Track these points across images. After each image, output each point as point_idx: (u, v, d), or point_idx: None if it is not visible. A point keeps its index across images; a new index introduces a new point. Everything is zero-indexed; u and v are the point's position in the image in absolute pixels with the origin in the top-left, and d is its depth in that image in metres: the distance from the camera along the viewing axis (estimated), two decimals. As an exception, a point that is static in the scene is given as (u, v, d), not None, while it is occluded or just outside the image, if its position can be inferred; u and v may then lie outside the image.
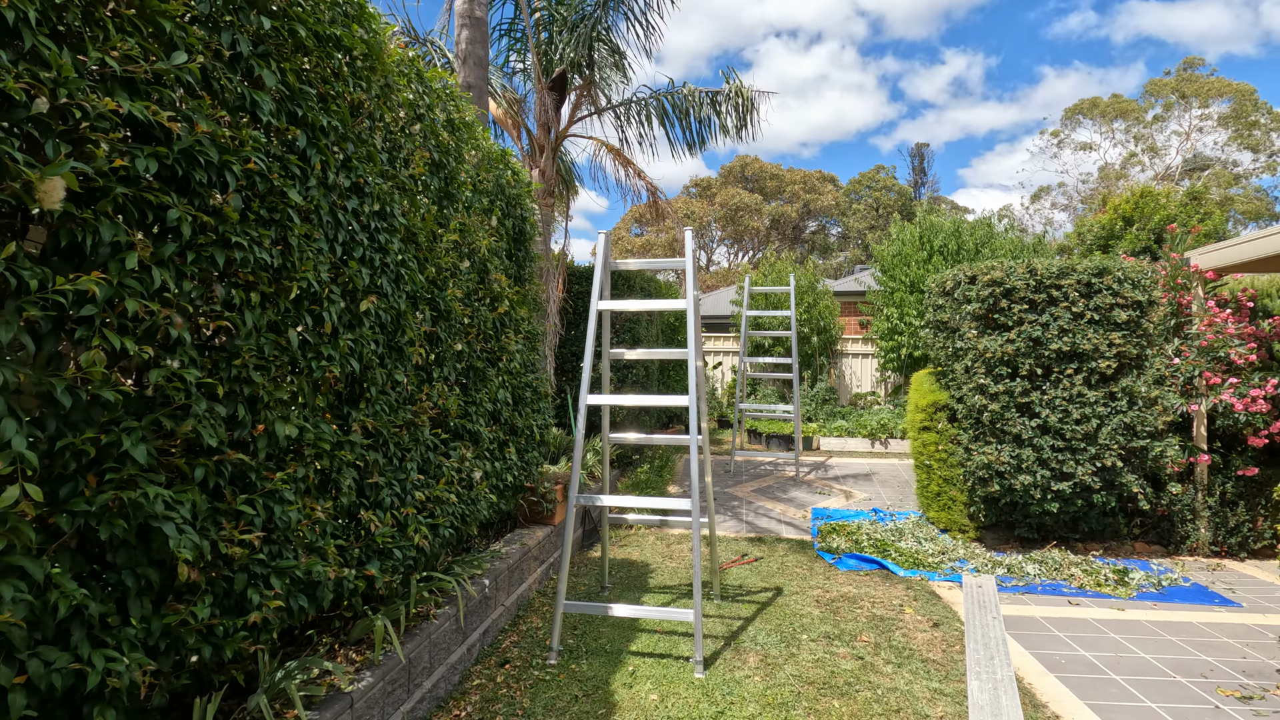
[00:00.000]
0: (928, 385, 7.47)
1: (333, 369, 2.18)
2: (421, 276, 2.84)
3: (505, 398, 3.93)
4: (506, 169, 4.13)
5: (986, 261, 6.39)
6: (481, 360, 3.66)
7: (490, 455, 3.82)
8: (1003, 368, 5.99)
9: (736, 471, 9.27)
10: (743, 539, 6.63)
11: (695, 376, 4.09)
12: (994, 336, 6.06)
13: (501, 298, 3.84)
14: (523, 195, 4.36)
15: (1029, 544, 6.33)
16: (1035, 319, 5.95)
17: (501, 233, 4.09)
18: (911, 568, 5.73)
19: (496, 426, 3.96)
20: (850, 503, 7.91)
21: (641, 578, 5.45)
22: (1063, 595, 5.13)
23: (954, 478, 6.66)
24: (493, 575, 4.17)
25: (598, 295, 4.35)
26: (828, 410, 12.11)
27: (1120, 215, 14.62)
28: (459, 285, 3.26)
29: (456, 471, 3.24)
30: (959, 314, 6.48)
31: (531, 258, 4.78)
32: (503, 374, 3.95)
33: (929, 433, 6.89)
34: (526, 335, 4.49)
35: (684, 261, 4.36)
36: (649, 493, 7.23)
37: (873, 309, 13.30)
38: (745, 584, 5.33)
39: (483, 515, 3.41)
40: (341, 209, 2.29)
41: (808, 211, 37.86)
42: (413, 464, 2.81)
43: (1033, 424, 5.88)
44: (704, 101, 7.47)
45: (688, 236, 4.35)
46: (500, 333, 3.91)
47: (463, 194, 3.37)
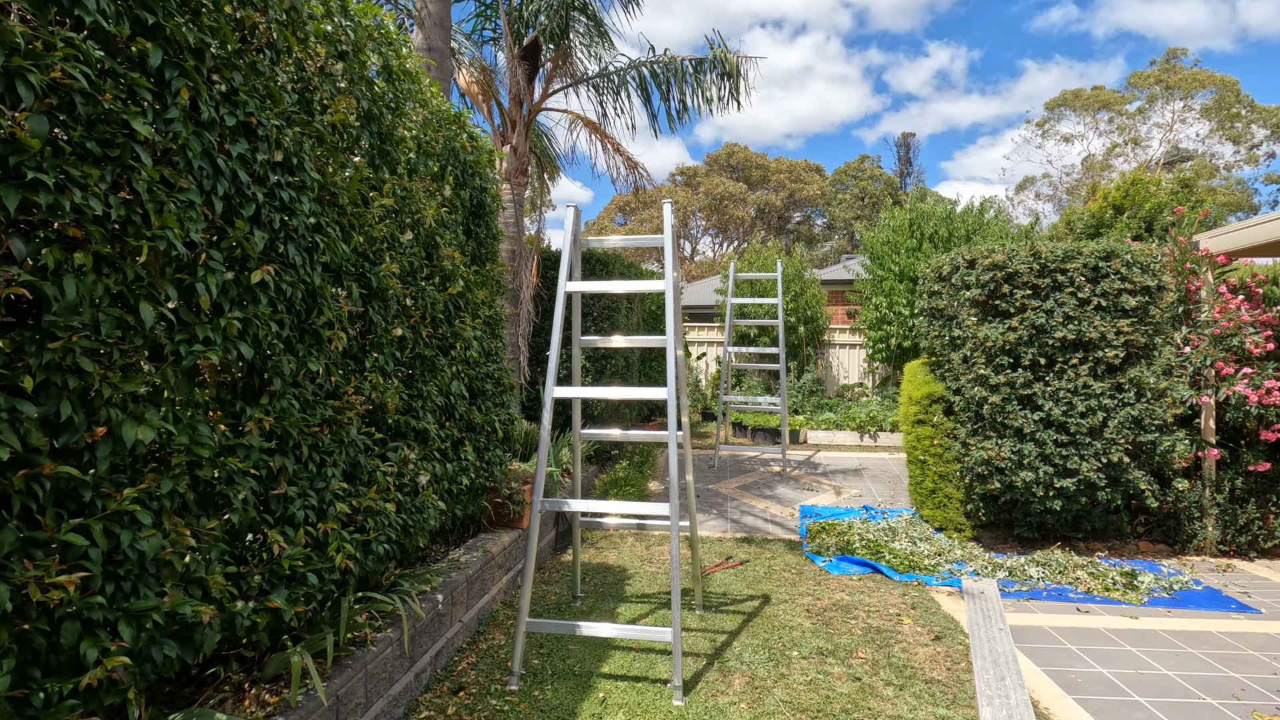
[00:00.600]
0: (922, 376, 7.09)
1: (210, 356, 1.71)
2: (345, 247, 2.37)
3: (460, 390, 3.47)
4: (462, 131, 3.64)
5: (987, 244, 6.00)
6: (429, 348, 3.20)
7: (441, 456, 3.36)
8: (1004, 357, 5.62)
9: (721, 467, 8.87)
10: (728, 539, 6.23)
11: (675, 367, 3.65)
12: (995, 324, 5.68)
13: (454, 277, 3.37)
14: (481, 163, 3.88)
15: (1029, 544, 5.98)
16: (1039, 305, 5.57)
17: (456, 204, 3.61)
18: (907, 571, 5.35)
19: (451, 423, 3.50)
20: (840, 500, 7.54)
21: (618, 585, 5.02)
22: (1070, 601, 4.77)
23: (950, 474, 6.30)
24: (448, 589, 3.72)
25: (566, 275, 3.89)
26: (815, 402, 11.74)
27: (1111, 204, 14.36)
28: (397, 260, 2.79)
29: (396, 477, 2.78)
30: (957, 300, 6.09)
31: (494, 235, 4.31)
32: (457, 363, 3.49)
33: (924, 426, 6.52)
34: (487, 320, 4.03)
35: (662, 239, 3.91)
36: (628, 491, 6.81)
37: (861, 298, 12.94)
38: (730, 591, 4.92)
39: (431, 525, 2.96)
40: (223, 154, 1.82)
41: (793, 201, 37.48)
42: (335, 470, 2.35)
43: (1035, 417, 5.52)
44: (687, 70, 6.99)
45: (666, 211, 3.90)
46: (453, 317, 3.44)
47: (403, 154, 2.89)
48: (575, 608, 4.53)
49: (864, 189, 36.63)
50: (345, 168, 2.51)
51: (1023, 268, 5.61)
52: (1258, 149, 37.58)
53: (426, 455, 3.12)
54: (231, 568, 1.94)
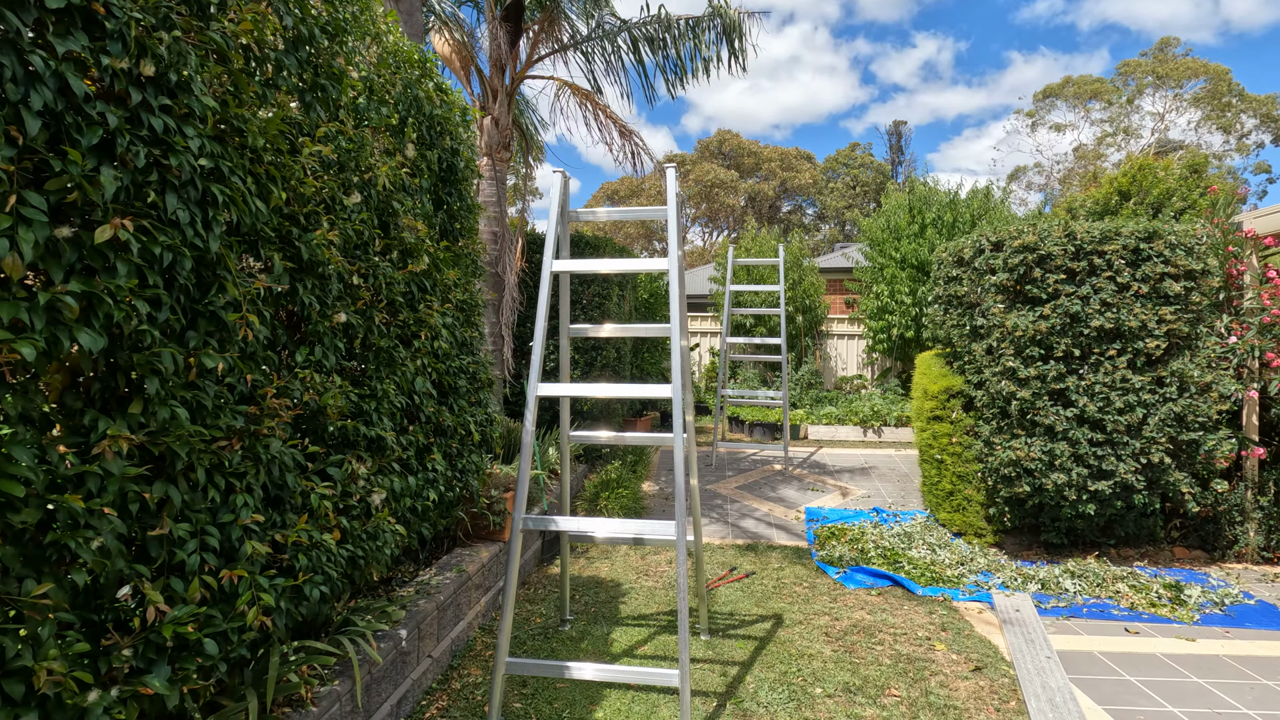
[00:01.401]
0: (936, 369, 6.59)
1: (21, 349, 1.14)
2: (261, 205, 1.79)
3: (426, 388, 2.90)
4: (427, 79, 3.04)
5: (1015, 225, 5.49)
6: (386, 337, 2.63)
7: (403, 467, 2.80)
8: (1034, 348, 5.11)
9: (719, 465, 8.34)
10: (730, 546, 5.71)
11: (680, 359, 3.09)
12: (1024, 312, 5.17)
13: (418, 252, 2.79)
14: (453, 120, 3.29)
15: (1056, 551, 5.51)
16: (1073, 291, 5.06)
17: (422, 167, 3.03)
18: (930, 584, 4.85)
19: (416, 427, 2.93)
20: (847, 501, 7.04)
21: (612, 603, 4.48)
22: (1114, 619, 4.29)
23: (970, 474, 5.81)
24: (414, 621, 3.15)
25: (552, 252, 3.31)
26: (814, 395, 11.25)
27: (1116, 189, 13.94)
28: (340, 227, 2.21)
29: (340, 499, 2.22)
30: (981, 286, 5.57)
31: (470, 207, 3.72)
32: (422, 356, 2.92)
33: (941, 423, 6.02)
34: (460, 306, 3.45)
35: (664, 210, 3.34)
36: (620, 494, 6.26)
37: (861, 286, 12.44)
38: (737, 610, 4.39)
39: (388, 554, 2.41)
40: (43, 48, 1.24)
41: (784, 189, 36.90)
42: (250, 497, 1.79)
43: (1068, 414, 5.02)
44: (685, 30, 6.38)
45: (670, 179, 3.33)
46: (417, 300, 2.87)
47: (346, 95, 2.31)
48: (564, 633, 3.99)
49: (855, 177, 36.14)
50: (264, 104, 1.93)
51: (1056, 250, 5.10)
52: (1247, 138, 37.48)
53: (383, 468, 2.56)
54: (83, 644, 1.38)
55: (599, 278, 7.26)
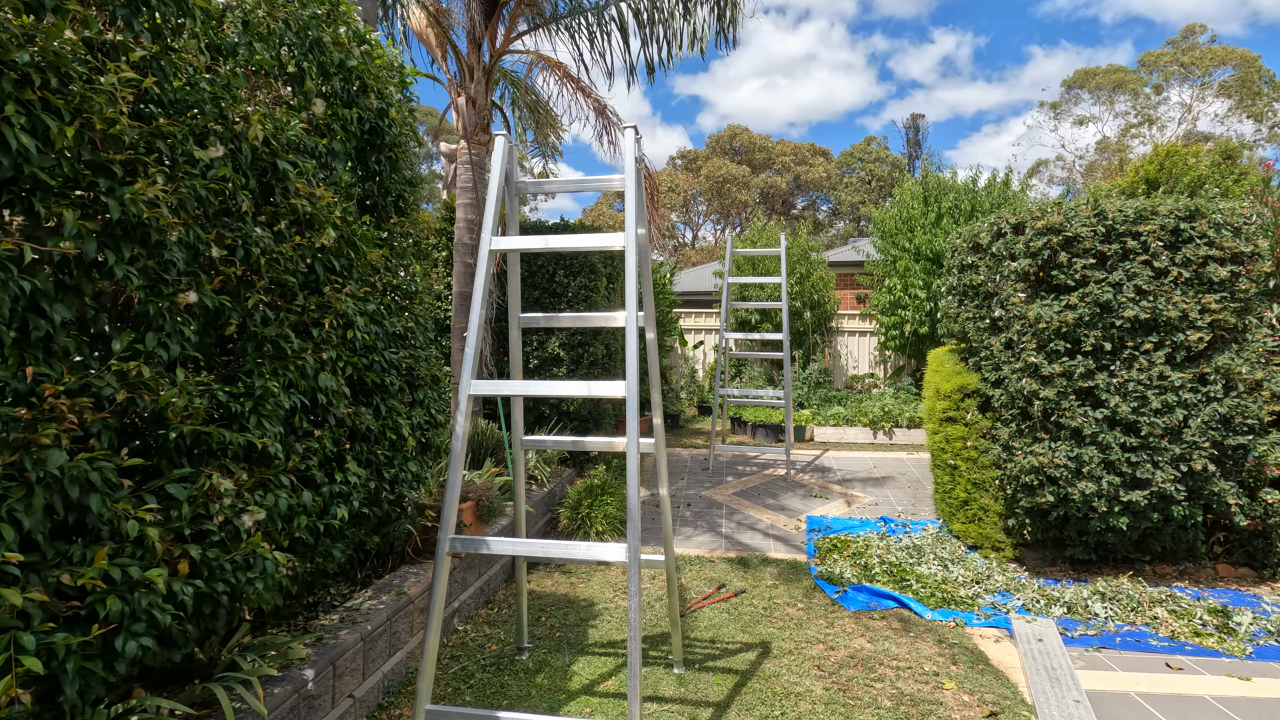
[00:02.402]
0: (950, 366, 6.05)
1: None
2: (26, 140, 1.35)
3: (334, 384, 2.45)
4: (338, 23, 2.58)
5: (1038, 204, 4.95)
6: (273, 324, 2.18)
7: (301, 480, 2.35)
8: (1059, 342, 4.57)
9: (717, 469, 7.84)
10: (721, 560, 5.21)
11: (635, 350, 2.61)
12: (1048, 302, 4.63)
13: (319, 224, 2.34)
14: (380, 76, 2.83)
15: (1084, 567, 4.95)
16: (1104, 278, 4.51)
17: (334, 127, 2.58)
18: (940, 606, 4.33)
19: (324, 431, 2.48)
20: (852, 509, 6.51)
21: (582, 627, 4.01)
22: (1153, 651, 3.75)
23: (986, 482, 5.27)
24: (328, 657, 2.70)
25: (491, 228, 2.85)
26: (822, 395, 10.69)
27: (1143, 178, 13.24)
28: (185, 184, 1.76)
29: (186, 522, 1.76)
30: (999, 274, 5.03)
31: (411, 181, 3.26)
32: (330, 348, 2.46)
33: (954, 425, 5.48)
34: (392, 291, 3.00)
35: (621, 180, 2.85)
36: (605, 501, 5.79)
37: (872, 280, 11.86)
38: (720, 636, 3.90)
39: (261, 589, 1.95)
40: None
41: (798, 185, 36.17)
42: (8, 529, 1.34)
43: (1098, 415, 4.48)
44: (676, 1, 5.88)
45: (627, 142, 2.85)
46: (321, 282, 2.42)
47: (193, 21, 1.85)
48: (520, 663, 3.52)
49: (871, 172, 35.33)
50: (60, 15, 1.48)
51: (1084, 231, 4.55)
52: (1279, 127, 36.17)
53: (265, 482, 2.11)
54: None
55: (586, 268, 6.79)
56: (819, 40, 71.66)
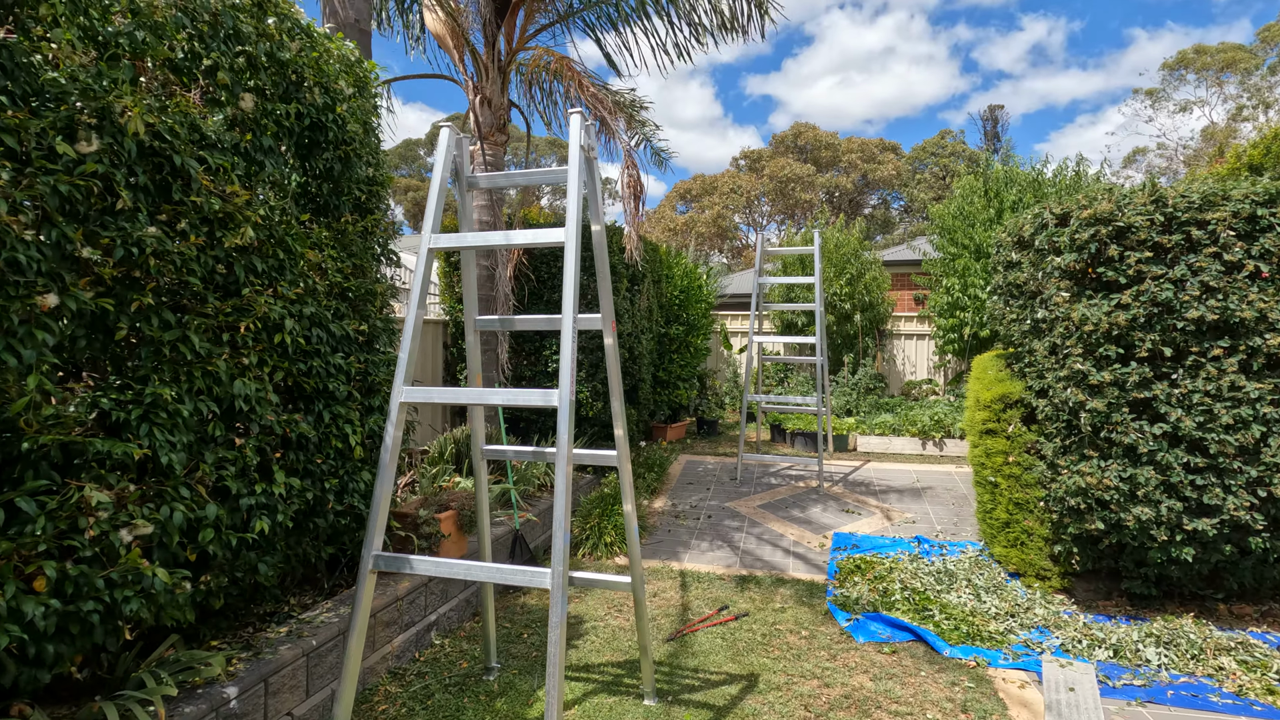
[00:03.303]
0: (994, 372, 5.51)
1: None
2: None
3: (253, 392, 2.33)
4: (265, 13, 2.48)
5: (1087, 190, 4.41)
6: (173, 328, 2.07)
7: (212, 492, 2.24)
8: (1110, 346, 4.03)
9: (745, 479, 7.47)
10: (731, 578, 4.89)
11: (568, 354, 2.38)
12: (1097, 301, 4.10)
13: (236, 223, 2.22)
14: (320, 67, 2.71)
15: (1143, 603, 4.35)
16: (1163, 273, 3.95)
17: (264, 122, 2.47)
18: (963, 642, 3.88)
19: (246, 440, 2.38)
20: (887, 527, 6.03)
21: (561, 646, 3.79)
22: (1213, 710, 3.21)
23: (1030, 502, 4.73)
24: (259, 673, 2.60)
25: (432, 225, 2.68)
26: (871, 402, 10.09)
27: (1246, 163, 11.91)
28: (41, 180, 1.66)
29: (48, 541, 1.66)
30: (1043, 270, 4.52)
31: (373, 180, 3.15)
32: (252, 352, 2.36)
33: (994, 438, 4.96)
34: (340, 294, 2.88)
35: (564, 172, 2.62)
36: (615, 510, 5.56)
37: (930, 280, 11.14)
38: (706, 663, 3.61)
39: (135, 608, 1.83)
40: None
41: (866, 183, 34.85)
42: None
43: (1156, 430, 3.91)
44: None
45: (573, 127, 2.62)
46: (240, 283, 2.31)
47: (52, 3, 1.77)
48: (485, 684, 3.34)
49: (945, 167, 33.63)
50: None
51: (1139, 220, 3.99)
52: None
53: (158, 494, 2.01)
54: None
55: (606, 270, 6.60)
56: (897, 33, 69.06)
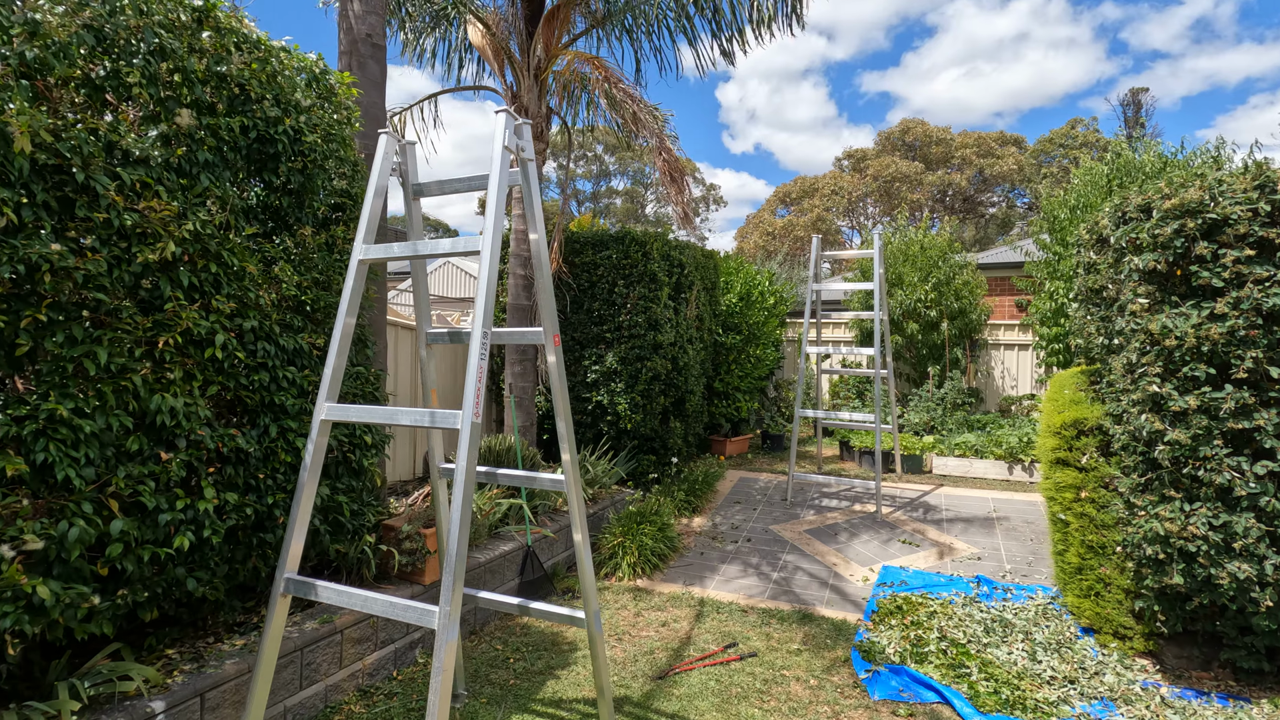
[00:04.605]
0: (1070, 391, 4.79)
1: None
2: None
3: (179, 406, 2.32)
4: (204, 27, 2.46)
5: (1172, 176, 3.70)
6: (79, 344, 2.08)
7: (129, 507, 2.24)
8: (1197, 366, 3.33)
9: (799, 499, 6.96)
10: (755, 610, 4.51)
11: (475, 372, 2.19)
12: (1184, 310, 3.40)
13: (157, 238, 2.22)
14: (269, 80, 2.69)
15: (1252, 680, 3.56)
16: (1270, 275, 3.21)
17: (203, 138, 2.46)
18: (999, 710, 3.31)
19: (174, 455, 2.37)
20: (943, 563, 5.38)
21: (542, 676, 3.61)
22: (1316, 834, 2.50)
23: (1107, 545, 4.03)
24: (194, 687, 2.60)
25: (365, 233, 2.59)
26: (959, 419, 9.17)
27: None
28: None
29: None
30: (1120, 272, 3.83)
31: (342, 192, 3.11)
32: (180, 367, 2.35)
33: (1066, 469, 4.29)
34: (293, 307, 2.85)
35: (486, 178, 2.44)
36: (642, 532, 5.29)
37: (1032, 284, 10.02)
38: (688, 710, 3.29)
39: (9, 623, 1.82)
40: None
41: (983, 180, 32.30)
42: None
43: (1259, 470, 3.18)
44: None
45: (499, 125, 2.43)
46: (164, 298, 2.30)
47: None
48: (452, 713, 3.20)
49: (1078, 159, 30.49)
50: None
51: (1237, 211, 3.27)
52: None
53: (53, 509, 2.01)
54: None
55: (647, 277, 6.37)
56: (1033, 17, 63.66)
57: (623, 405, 6.35)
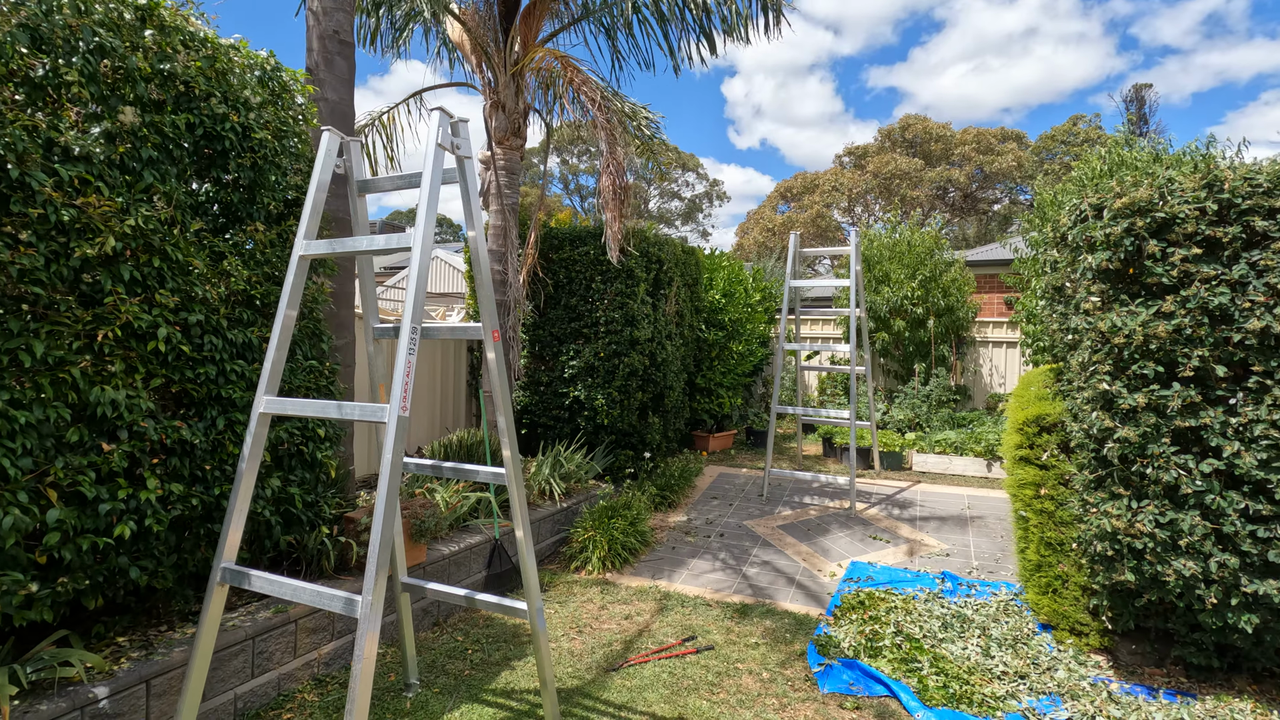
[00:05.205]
0: (1036, 388, 4.81)
1: None
2: None
3: (123, 399, 2.37)
4: (145, 26, 2.51)
5: (1123, 176, 3.71)
6: (9, 336, 2.12)
7: (68, 496, 2.28)
8: (1146, 364, 3.35)
9: (776, 496, 6.99)
10: (720, 604, 4.55)
11: (403, 367, 2.23)
12: (1132, 308, 3.42)
13: (96, 232, 2.26)
14: (217, 77, 2.73)
15: (1203, 675, 3.58)
16: (1217, 274, 3.22)
17: (144, 133, 2.50)
18: (945, 704, 3.34)
19: (115, 446, 2.42)
20: (912, 559, 5.40)
21: (499, 666, 3.66)
22: (1240, 828, 2.53)
23: (1065, 543, 4.06)
24: (140, 674, 2.65)
25: (306, 229, 2.63)
26: (944, 416, 9.18)
27: None
28: None
29: None
30: (1076, 270, 3.85)
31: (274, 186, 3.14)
32: (123, 360, 2.39)
33: (1028, 467, 4.31)
34: (243, 301, 2.90)
35: (420, 175, 2.47)
36: (613, 526, 5.33)
37: (1020, 280, 10.02)
38: (636, 702, 3.33)
39: None
40: None
41: (984, 176, 32.16)
42: None
43: (1205, 468, 3.20)
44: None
45: (432, 124, 2.47)
46: (103, 292, 2.34)
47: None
48: (397, 703, 3.26)
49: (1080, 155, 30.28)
50: None
51: (1185, 210, 3.29)
52: None
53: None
54: None
55: (624, 273, 6.39)
56: (1042, 11, 63.04)
57: (600, 401, 6.38)
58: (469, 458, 5.27)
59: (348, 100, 4.49)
